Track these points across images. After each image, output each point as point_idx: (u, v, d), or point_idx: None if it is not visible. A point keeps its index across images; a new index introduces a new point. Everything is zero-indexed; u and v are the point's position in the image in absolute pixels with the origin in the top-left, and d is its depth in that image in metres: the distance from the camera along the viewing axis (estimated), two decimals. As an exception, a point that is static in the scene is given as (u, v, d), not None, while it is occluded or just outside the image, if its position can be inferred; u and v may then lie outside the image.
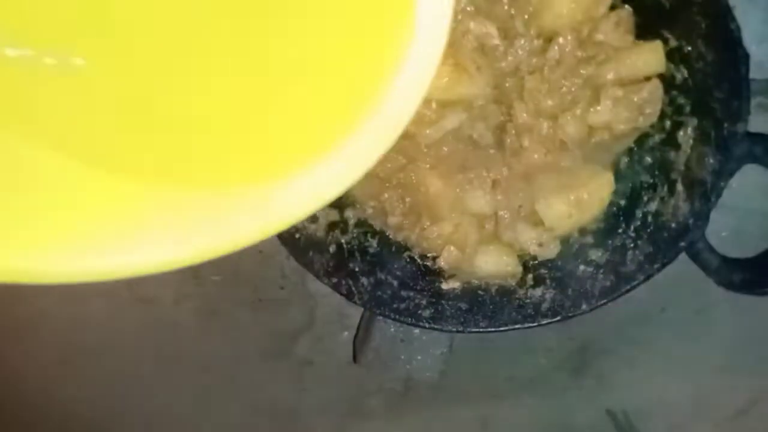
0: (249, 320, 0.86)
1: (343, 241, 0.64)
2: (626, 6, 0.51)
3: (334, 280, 0.62)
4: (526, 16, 0.49)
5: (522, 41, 0.50)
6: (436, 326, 0.63)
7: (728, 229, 0.69)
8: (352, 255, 0.64)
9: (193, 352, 0.89)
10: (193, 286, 0.85)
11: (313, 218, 0.62)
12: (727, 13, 0.46)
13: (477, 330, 0.63)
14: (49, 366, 0.91)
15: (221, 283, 0.85)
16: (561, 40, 0.49)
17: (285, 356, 0.89)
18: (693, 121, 0.54)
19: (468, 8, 0.49)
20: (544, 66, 0.51)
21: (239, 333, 0.87)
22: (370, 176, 0.59)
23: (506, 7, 0.49)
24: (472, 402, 0.90)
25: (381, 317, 0.69)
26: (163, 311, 0.86)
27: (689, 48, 0.52)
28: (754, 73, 0.50)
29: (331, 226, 0.63)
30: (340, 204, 0.63)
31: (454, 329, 0.63)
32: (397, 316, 0.63)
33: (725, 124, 0.50)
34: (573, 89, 0.52)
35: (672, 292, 0.79)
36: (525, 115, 0.54)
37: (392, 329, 0.75)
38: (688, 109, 0.54)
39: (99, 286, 0.81)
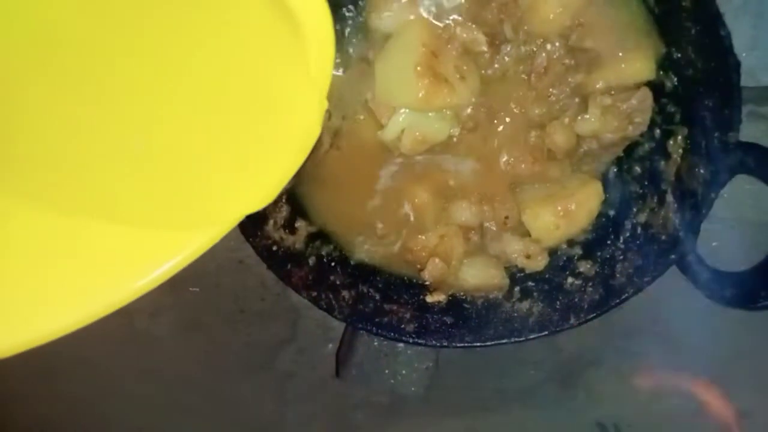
0: (229, 333, 0.84)
1: (323, 252, 0.62)
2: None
3: (314, 293, 0.60)
4: (515, 22, 0.48)
5: (509, 47, 0.48)
6: (420, 341, 0.61)
7: (719, 240, 0.67)
8: (333, 267, 0.62)
9: (172, 366, 0.87)
10: (171, 298, 0.82)
11: (293, 230, 0.60)
12: (716, 20, 0.44)
13: (462, 345, 0.61)
14: (20, 381, 0.89)
15: (200, 294, 0.82)
16: (549, 46, 0.48)
17: (267, 369, 0.87)
18: (683, 130, 0.53)
19: (454, 16, 0.47)
20: (531, 73, 0.49)
21: (219, 346, 0.85)
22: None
23: (495, 12, 0.47)
24: (460, 414, 0.88)
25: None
26: (140, 324, 0.84)
27: (679, 55, 0.50)
28: (745, 81, 0.48)
29: (311, 237, 0.61)
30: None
31: (439, 344, 0.61)
32: (380, 331, 0.61)
33: (716, 134, 0.49)
34: (561, 97, 0.51)
35: (662, 303, 0.78)
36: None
37: (376, 343, 0.73)
38: (678, 117, 0.53)
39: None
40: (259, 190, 0.33)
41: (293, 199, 0.59)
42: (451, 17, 0.49)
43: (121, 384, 0.88)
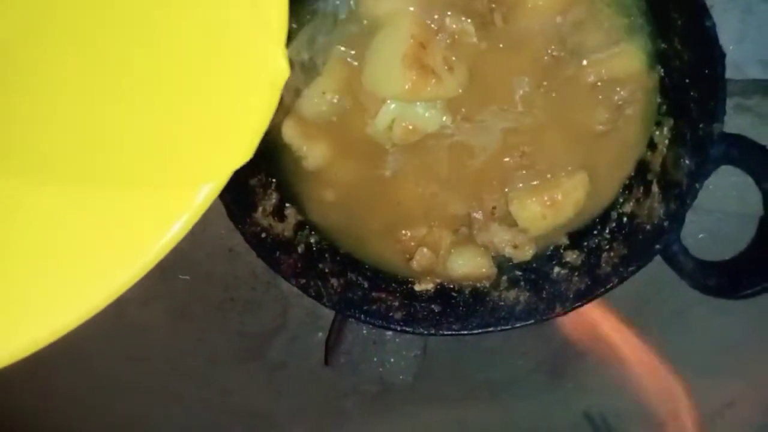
0: (220, 321, 0.84)
1: (312, 241, 0.62)
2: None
3: (302, 281, 0.60)
4: (505, 12, 0.48)
5: (500, 38, 0.48)
6: (407, 329, 0.62)
7: (705, 232, 0.68)
8: (322, 255, 0.62)
9: (163, 354, 0.87)
10: (161, 287, 0.82)
11: (281, 217, 0.60)
12: (703, 11, 0.44)
13: (449, 333, 0.62)
14: (9, 372, 0.88)
15: (191, 282, 0.82)
16: (539, 38, 0.48)
17: (257, 358, 0.87)
18: (669, 121, 0.53)
19: (444, 6, 0.48)
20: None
21: (210, 334, 0.85)
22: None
23: (485, 2, 0.47)
24: (449, 404, 0.89)
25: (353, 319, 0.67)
26: (132, 312, 0.84)
27: (665, 46, 0.50)
28: (731, 74, 0.49)
29: (300, 225, 0.61)
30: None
31: (426, 332, 0.62)
32: (368, 319, 0.61)
33: (701, 125, 0.49)
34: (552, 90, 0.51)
35: (649, 293, 0.78)
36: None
37: (365, 331, 0.73)
38: (664, 108, 0.53)
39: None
40: (241, 140, 0.34)
41: (283, 187, 0.60)
42: (441, 7, 0.49)
43: (111, 373, 0.88)
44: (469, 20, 0.48)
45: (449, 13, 0.49)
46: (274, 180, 0.59)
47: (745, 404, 0.86)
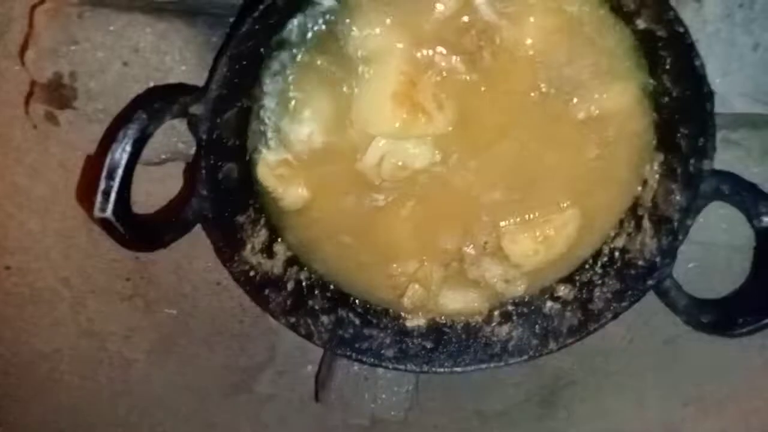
0: (206, 355, 0.83)
1: (302, 277, 0.61)
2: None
3: (292, 320, 0.59)
4: (494, 49, 0.48)
5: (489, 75, 0.48)
6: (399, 366, 0.61)
7: (694, 262, 0.68)
8: (312, 292, 0.61)
9: (147, 389, 0.85)
10: (145, 320, 0.81)
11: (270, 254, 0.59)
12: (691, 50, 0.45)
13: (442, 371, 0.61)
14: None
15: (177, 316, 0.81)
16: (528, 75, 0.48)
17: (245, 392, 0.85)
18: (659, 157, 0.53)
19: (433, 43, 0.48)
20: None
21: (196, 368, 0.84)
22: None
23: (474, 39, 0.47)
24: (441, 437, 0.88)
25: (343, 356, 0.66)
26: (113, 346, 0.82)
27: (654, 83, 0.51)
28: (717, 107, 0.49)
29: (290, 261, 0.60)
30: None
31: (419, 369, 0.61)
32: (360, 357, 0.61)
33: (691, 161, 0.49)
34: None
35: (639, 322, 0.78)
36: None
37: (356, 367, 0.72)
38: (654, 144, 0.53)
39: (43, 318, 0.77)
40: None
41: (272, 224, 0.59)
42: (430, 44, 0.49)
43: (94, 408, 0.86)
44: (458, 57, 0.48)
45: (438, 49, 0.49)
46: (263, 216, 0.58)
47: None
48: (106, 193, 0.40)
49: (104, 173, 0.40)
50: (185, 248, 0.71)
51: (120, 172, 0.40)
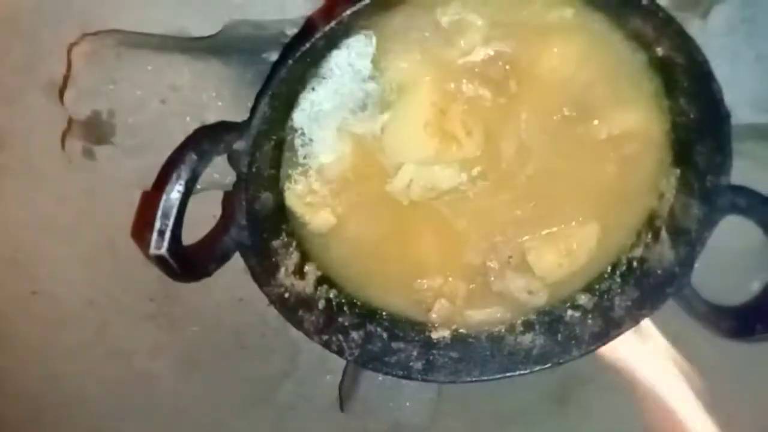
0: (229, 369, 0.84)
1: (331, 295, 0.63)
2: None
3: (325, 337, 0.61)
4: (520, 76, 0.50)
5: (514, 101, 0.50)
6: (428, 378, 0.63)
7: (707, 268, 0.70)
8: (341, 309, 0.63)
9: (171, 404, 0.86)
10: (169, 337, 0.82)
11: (302, 275, 0.61)
12: (708, 77, 0.47)
13: (470, 380, 0.63)
14: (17, 425, 0.87)
15: (200, 332, 0.82)
16: (552, 99, 0.50)
17: (267, 403, 0.87)
18: (676, 172, 0.56)
19: (461, 73, 0.50)
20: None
21: (219, 382, 0.85)
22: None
23: (501, 68, 0.49)
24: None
25: (369, 367, 0.68)
26: (139, 364, 0.83)
27: (671, 103, 0.53)
28: (724, 120, 0.51)
29: (320, 281, 0.62)
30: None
31: (447, 380, 0.63)
32: (389, 370, 0.62)
33: (708, 177, 0.52)
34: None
35: (649, 320, 0.81)
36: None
37: (380, 377, 0.74)
38: (670, 160, 0.56)
39: (69, 341, 0.78)
40: None
41: (302, 246, 0.60)
42: (458, 76, 0.51)
43: (119, 425, 0.87)
44: (485, 86, 0.50)
45: (465, 80, 0.51)
46: (293, 239, 0.60)
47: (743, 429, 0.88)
48: (162, 233, 0.42)
49: (159, 214, 0.42)
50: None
51: (174, 212, 0.42)
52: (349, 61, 0.48)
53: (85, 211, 0.71)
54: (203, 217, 0.64)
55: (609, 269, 0.62)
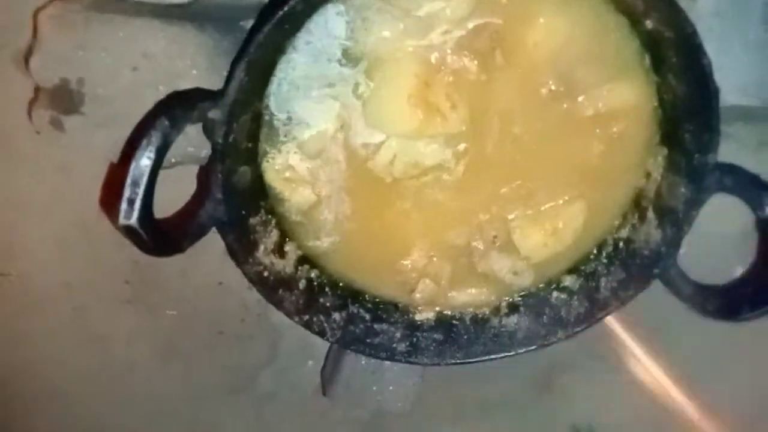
0: (208, 356, 0.83)
1: (312, 275, 0.61)
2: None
3: (306, 318, 0.59)
4: (506, 49, 0.49)
5: (500, 75, 0.49)
6: (412, 360, 0.62)
7: (693, 250, 0.70)
8: (322, 290, 0.62)
9: (149, 392, 0.84)
10: (147, 323, 0.80)
11: (282, 254, 0.59)
12: (699, 50, 0.46)
13: (454, 362, 0.62)
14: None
15: (178, 318, 0.80)
16: (538, 74, 0.49)
17: (247, 391, 0.85)
18: (663, 151, 0.55)
19: (446, 44, 0.48)
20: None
21: (198, 369, 0.84)
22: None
23: (486, 40, 0.48)
24: (441, 425, 0.89)
25: (352, 350, 0.67)
26: (116, 350, 0.82)
27: (659, 80, 0.52)
28: (712, 101, 0.50)
29: (301, 260, 0.61)
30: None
31: (431, 362, 0.62)
32: (372, 352, 0.61)
33: (696, 155, 0.51)
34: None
35: (633, 306, 0.80)
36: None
37: (363, 361, 0.73)
38: (657, 138, 0.55)
39: (43, 325, 0.76)
40: None
41: (282, 223, 0.59)
42: (443, 46, 0.49)
43: (96, 413, 0.85)
44: (471, 58, 0.49)
45: (450, 51, 0.50)
46: (273, 217, 0.58)
47: (731, 412, 0.88)
48: (131, 202, 0.40)
49: (128, 181, 0.40)
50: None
51: (144, 180, 0.40)
52: (329, 28, 0.47)
53: (58, 188, 0.69)
54: (179, 196, 0.63)
55: (595, 250, 0.61)
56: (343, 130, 0.54)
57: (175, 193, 0.63)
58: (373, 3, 0.48)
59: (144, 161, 0.40)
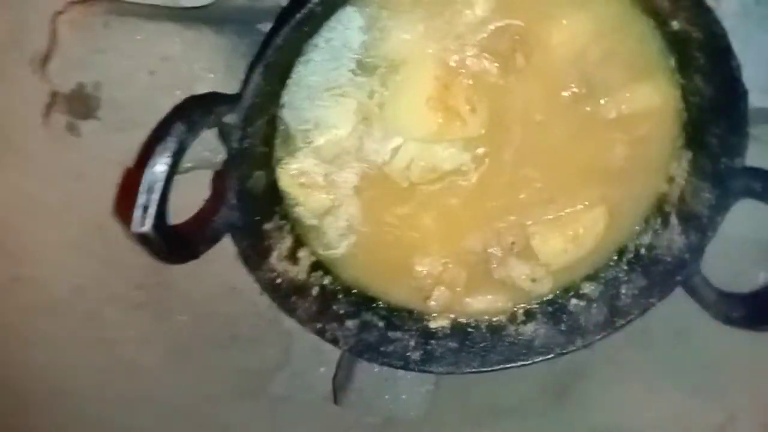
0: (220, 360, 0.82)
1: (326, 282, 0.60)
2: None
3: (319, 326, 0.58)
4: (527, 51, 0.48)
5: (521, 77, 0.48)
6: (426, 369, 0.61)
7: (718, 256, 0.69)
8: (335, 297, 0.61)
9: (161, 396, 0.84)
10: (158, 326, 0.80)
11: (295, 260, 0.58)
12: (728, 51, 0.45)
13: (469, 371, 0.61)
14: (1, 417, 0.85)
15: (191, 322, 0.80)
16: (560, 76, 0.48)
17: (259, 395, 0.85)
18: (688, 154, 0.54)
19: (466, 47, 0.47)
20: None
21: (210, 373, 0.83)
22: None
23: (507, 42, 0.47)
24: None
25: (365, 358, 0.66)
26: (127, 354, 0.81)
27: (684, 81, 0.51)
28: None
29: (314, 266, 0.60)
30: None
31: (446, 371, 0.61)
32: (386, 361, 0.60)
33: (723, 159, 0.50)
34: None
35: (652, 313, 0.79)
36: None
37: (376, 369, 0.72)
38: (681, 142, 0.54)
39: (56, 328, 0.76)
40: None
41: (295, 229, 0.58)
42: (463, 48, 0.48)
43: (107, 417, 0.85)
44: (491, 60, 0.48)
45: (470, 53, 0.49)
46: (287, 223, 0.57)
47: (746, 419, 0.87)
48: (146, 209, 0.39)
49: (143, 188, 0.39)
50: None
51: (159, 186, 0.40)
52: (348, 31, 0.46)
53: (72, 193, 0.69)
54: (192, 201, 0.62)
55: (615, 256, 0.60)
56: (360, 134, 0.53)
57: (187, 197, 0.63)
58: (393, 4, 0.47)
59: (159, 167, 0.39)
